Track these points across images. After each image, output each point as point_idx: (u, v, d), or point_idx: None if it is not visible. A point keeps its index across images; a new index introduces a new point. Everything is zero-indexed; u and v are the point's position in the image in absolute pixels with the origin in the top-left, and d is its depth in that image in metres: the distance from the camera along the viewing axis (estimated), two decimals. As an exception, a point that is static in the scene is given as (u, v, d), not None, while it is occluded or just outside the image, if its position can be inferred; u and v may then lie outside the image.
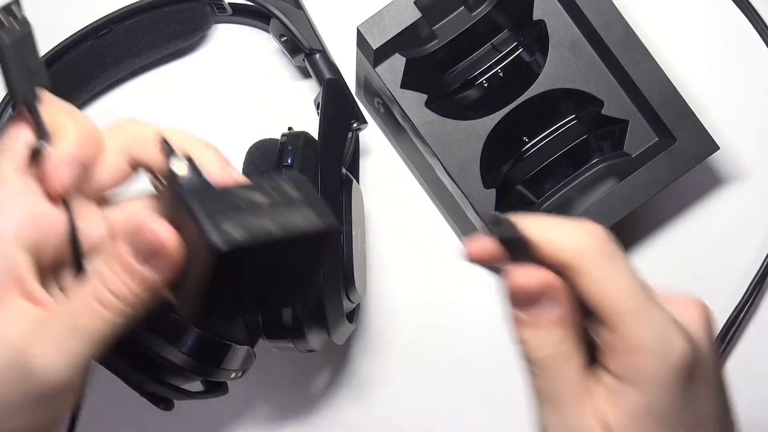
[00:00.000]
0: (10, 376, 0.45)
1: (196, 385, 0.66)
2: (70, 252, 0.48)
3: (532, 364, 0.47)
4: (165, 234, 0.45)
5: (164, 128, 0.51)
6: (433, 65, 0.74)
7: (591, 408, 0.46)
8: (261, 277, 0.47)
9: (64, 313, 0.46)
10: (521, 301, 0.47)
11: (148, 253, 0.45)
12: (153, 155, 0.50)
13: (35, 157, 0.47)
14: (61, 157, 0.47)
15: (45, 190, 0.47)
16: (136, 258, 0.45)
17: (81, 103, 0.79)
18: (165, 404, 0.63)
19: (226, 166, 0.51)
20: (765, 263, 0.79)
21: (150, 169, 0.51)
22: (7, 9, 0.45)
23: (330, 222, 0.46)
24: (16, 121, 0.48)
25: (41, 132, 0.47)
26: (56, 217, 0.48)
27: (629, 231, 0.79)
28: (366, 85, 0.76)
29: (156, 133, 0.50)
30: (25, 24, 0.46)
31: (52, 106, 0.49)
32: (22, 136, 0.48)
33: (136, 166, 0.51)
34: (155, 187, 0.51)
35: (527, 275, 0.46)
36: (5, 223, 0.46)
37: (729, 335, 0.78)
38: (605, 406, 0.46)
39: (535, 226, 0.47)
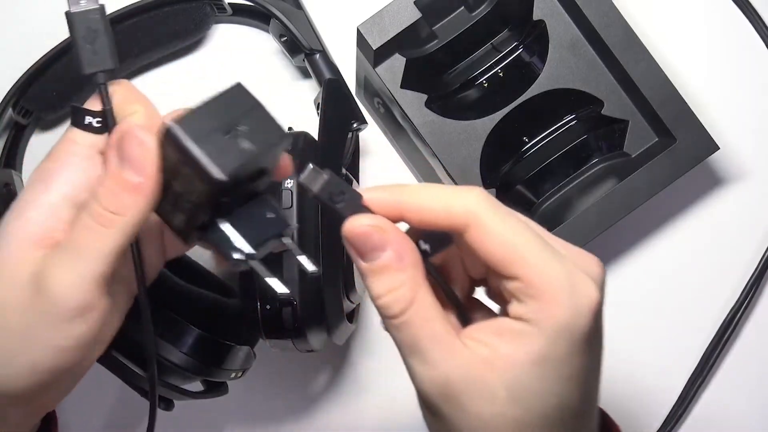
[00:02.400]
0: (29, 300, 0.49)
1: (196, 385, 0.66)
2: None
3: (388, 315, 0.47)
4: (143, 135, 0.48)
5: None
6: (433, 65, 0.74)
7: (465, 351, 0.46)
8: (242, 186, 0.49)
9: (70, 238, 0.49)
10: (362, 250, 0.47)
11: (132, 157, 0.48)
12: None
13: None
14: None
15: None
16: (122, 166, 0.48)
17: (81, 103, 0.78)
18: (165, 404, 0.63)
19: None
20: (762, 263, 0.79)
21: None
22: None
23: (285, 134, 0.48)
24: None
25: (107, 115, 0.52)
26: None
27: (629, 231, 0.79)
28: (366, 85, 0.76)
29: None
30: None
31: (122, 92, 0.53)
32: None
33: None
34: None
35: (357, 221, 0.47)
36: (67, 174, 0.51)
37: (727, 333, 0.79)
38: (506, 347, 0.46)
39: (417, 194, 0.47)
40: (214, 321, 0.65)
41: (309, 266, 0.50)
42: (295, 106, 0.79)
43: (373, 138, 0.80)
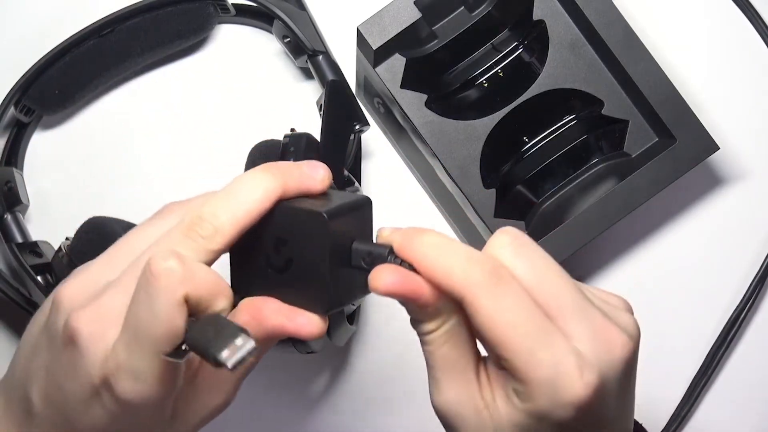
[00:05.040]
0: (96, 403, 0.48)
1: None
2: None
3: (421, 331, 0.48)
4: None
5: None
6: (433, 65, 0.74)
7: (471, 389, 0.48)
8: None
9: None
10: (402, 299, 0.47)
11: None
12: None
13: None
14: None
15: None
16: None
17: (83, 102, 0.79)
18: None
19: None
20: (765, 263, 0.78)
21: None
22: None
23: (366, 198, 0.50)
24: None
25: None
26: None
27: (629, 231, 0.79)
28: (366, 86, 0.77)
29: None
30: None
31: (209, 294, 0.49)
32: None
33: None
34: None
35: (381, 281, 0.46)
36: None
37: (730, 335, 0.78)
38: (499, 402, 0.48)
39: (427, 251, 0.46)
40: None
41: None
42: (298, 107, 0.79)
43: (373, 138, 0.80)
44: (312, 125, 0.70)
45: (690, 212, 0.80)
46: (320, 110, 0.74)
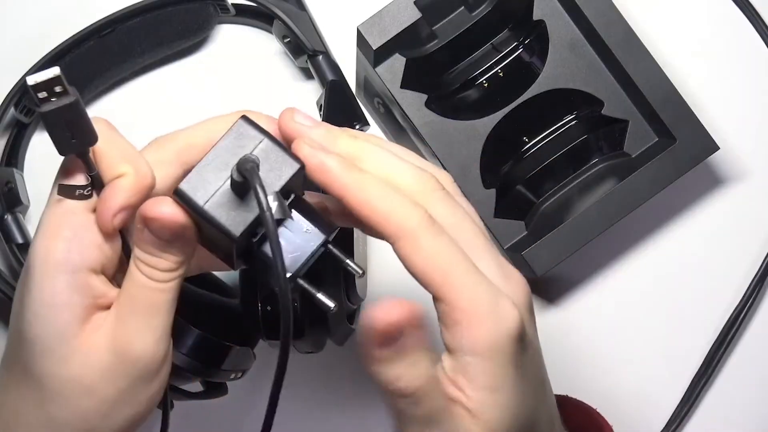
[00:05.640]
0: (114, 367, 0.50)
1: (196, 386, 0.66)
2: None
3: (405, 397, 0.48)
4: (157, 209, 0.49)
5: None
6: (433, 65, 0.74)
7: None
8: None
9: (130, 303, 0.50)
10: (387, 338, 0.47)
11: (155, 229, 0.49)
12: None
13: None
14: (110, 207, 0.50)
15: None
16: (152, 236, 0.49)
17: (83, 102, 0.79)
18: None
19: None
20: (765, 263, 0.78)
21: None
22: (48, 83, 0.48)
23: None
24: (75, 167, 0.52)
25: (94, 180, 0.51)
26: (115, 240, 0.52)
27: (629, 231, 0.79)
28: (366, 86, 0.77)
29: (204, 138, 0.53)
30: (66, 94, 0.49)
31: (109, 152, 0.52)
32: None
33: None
34: None
35: (392, 310, 0.47)
36: (78, 254, 0.50)
37: (729, 335, 0.78)
38: (462, 388, 0.48)
39: (367, 190, 0.48)
40: (214, 321, 0.65)
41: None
42: (297, 107, 0.79)
43: (373, 138, 0.80)
44: (312, 125, 0.70)
45: (690, 212, 0.80)
46: (320, 110, 0.74)
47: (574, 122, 0.75)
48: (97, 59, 0.77)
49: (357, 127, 0.72)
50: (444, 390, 0.48)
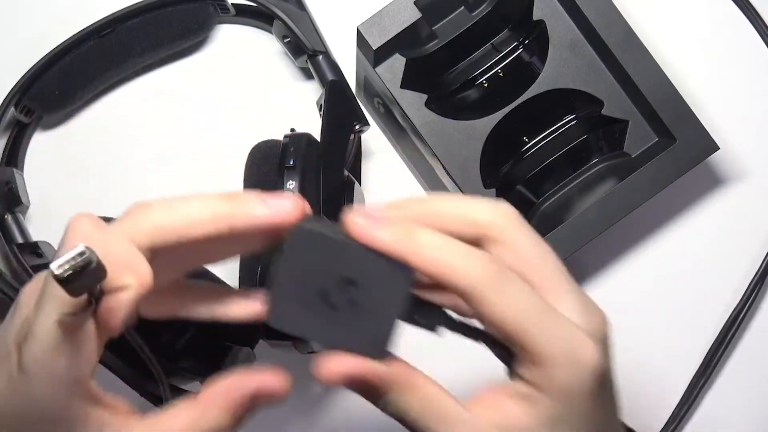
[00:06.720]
0: None
1: (196, 386, 0.66)
2: None
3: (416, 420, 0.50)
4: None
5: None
6: (433, 65, 0.74)
7: (476, 421, 0.48)
8: None
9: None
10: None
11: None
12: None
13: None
14: (116, 318, 0.47)
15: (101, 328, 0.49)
16: None
17: (83, 102, 0.79)
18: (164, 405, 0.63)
19: None
20: (765, 263, 0.79)
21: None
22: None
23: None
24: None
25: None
26: None
27: (629, 231, 0.79)
28: (366, 86, 0.77)
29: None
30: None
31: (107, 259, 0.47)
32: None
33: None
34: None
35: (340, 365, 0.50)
36: (77, 369, 0.48)
37: (729, 335, 0.78)
38: (517, 410, 0.47)
39: (428, 253, 0.47)
40: (214, 321, 0.65)
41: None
42: (298, 107, 0.80)
43: (373, 138, 0.80)
44: (312, 125, 0.70)
45: (690, 212, 0.80)
46: (320, 110, 0.74)
47: (574, 122, 0.75)
48: (97, 59, 0.77)
49: (357, 126, 0.72)
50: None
